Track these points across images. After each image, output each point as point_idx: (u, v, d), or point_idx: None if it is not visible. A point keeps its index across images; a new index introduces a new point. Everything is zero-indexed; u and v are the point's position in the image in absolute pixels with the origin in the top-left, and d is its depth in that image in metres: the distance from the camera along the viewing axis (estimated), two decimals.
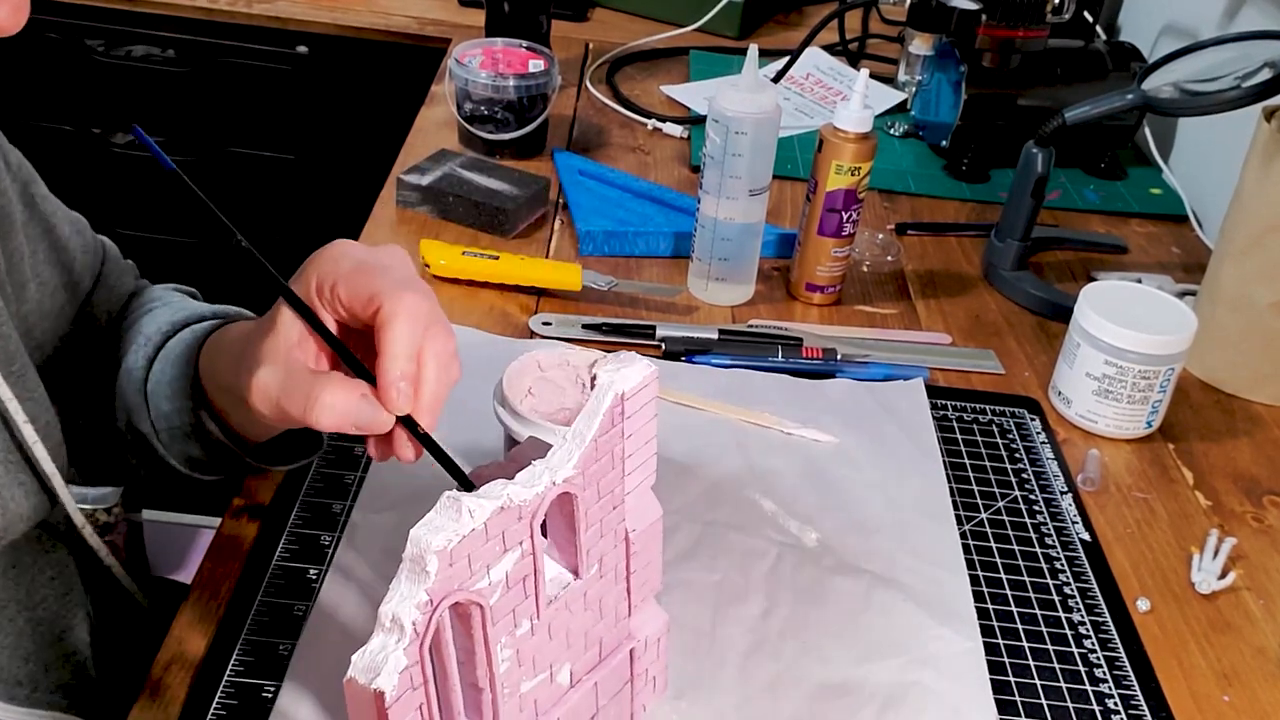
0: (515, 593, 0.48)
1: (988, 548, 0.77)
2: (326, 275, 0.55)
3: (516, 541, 0.48)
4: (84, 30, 1.63)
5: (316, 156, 1.71)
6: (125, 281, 0.79)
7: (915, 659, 0.67)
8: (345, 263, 0.55)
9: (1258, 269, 0.93)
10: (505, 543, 0.47)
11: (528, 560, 0.48)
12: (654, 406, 0.52)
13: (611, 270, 1.03)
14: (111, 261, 0.79)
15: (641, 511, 0.54)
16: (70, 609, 0.72)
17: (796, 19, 1.70)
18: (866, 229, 1.14)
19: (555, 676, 0.52)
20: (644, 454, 0.53)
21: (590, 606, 0.53)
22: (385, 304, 0.52)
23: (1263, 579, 0.78)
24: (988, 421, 0.89)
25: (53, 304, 0.72)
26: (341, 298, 0.55)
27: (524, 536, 0.48)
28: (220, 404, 0.67)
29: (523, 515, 0.47)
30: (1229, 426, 0.93)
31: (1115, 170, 1.31)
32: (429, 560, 0.44)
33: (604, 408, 0.49)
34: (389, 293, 0.53)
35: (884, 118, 1.39)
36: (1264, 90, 0.91)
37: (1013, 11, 1.22)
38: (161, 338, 0.71)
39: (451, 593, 0.45)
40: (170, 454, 0.71)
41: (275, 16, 1.58)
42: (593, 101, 1.37)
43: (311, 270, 0.56)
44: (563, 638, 0.52)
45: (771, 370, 0.91)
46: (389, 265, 0.55)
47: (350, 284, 0.54)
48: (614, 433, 0.51)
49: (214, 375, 0.66)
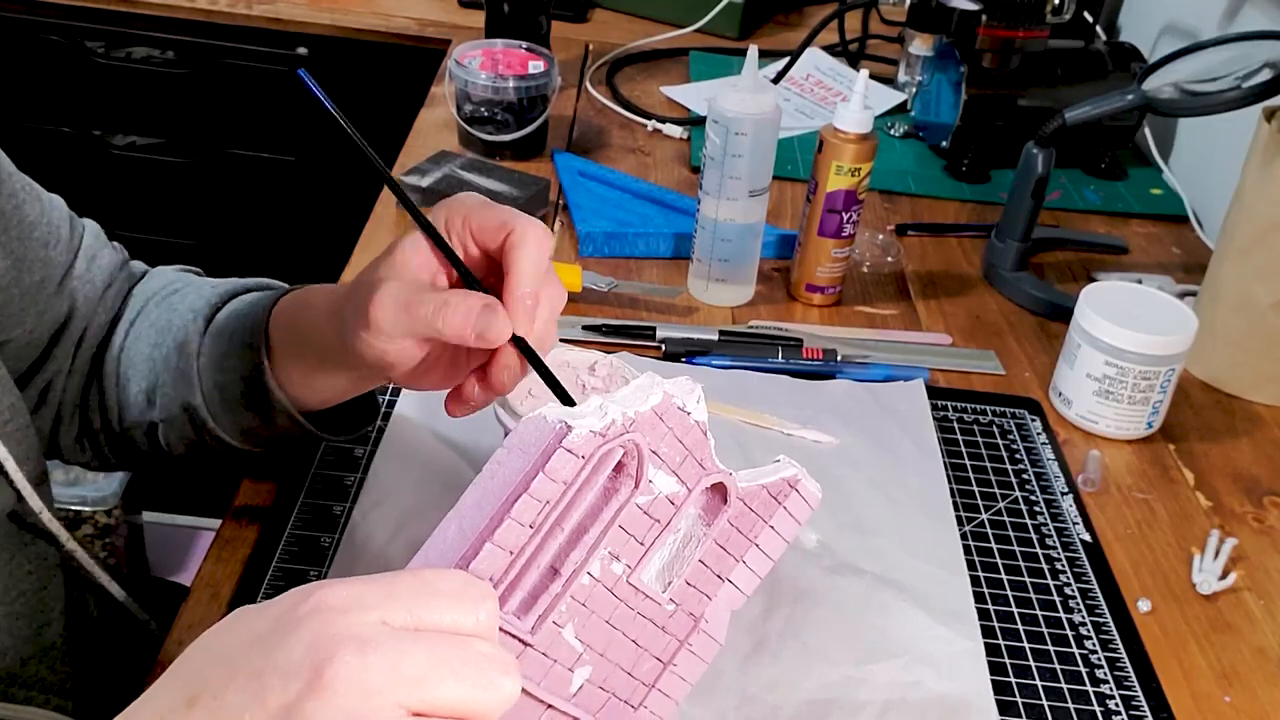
0: (649, 518, 0.48)
1: (988, 548, 0.77)
2: (456, 211, 0.59)
3: (691, 480, 0.49)
4: (84, 32, 1.63)
5: (316, 158, 1.71)
6: (103, 261, 0.77)
7: (915, 659, 0.67)
8: (473, 200, 0.59)
9: (1258, 269, 0.93)
10: (682, 475, 0.48)
11: (682, 500, 0.49)
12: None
13: (611, 271, 1.03)
14: (91, 238, 0.77)
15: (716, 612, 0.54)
16: (48, 604, 0.71)
17: (796, 20, 1.70)
18: (867, 230, 1.14)
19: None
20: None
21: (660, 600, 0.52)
22: (516, 229, 0.57)
23: (1263, 579, 0.78)
24: (988, 422, 0.89)
25: (18, 287, 0.70)
26: (473, 228, 0.58)
27: (695, 481, 0.49)
28: (289, 369, 0.68)
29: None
30: (1229, 427, 0.93)
31: (1115, 171, 1.31)
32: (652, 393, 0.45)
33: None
34: (519, 220, 0.57)
35: (884, 118, 1.39)
36: (1264, 90, 0.91)
37: (1013, 12, 1.22)
38: (211, 310, 0.72)
39: (645, 445, 0.46)
40: (221, 427, 0.71)
41: (275, 18, 1.58)
42: (593, 102, 1.37)
43: (440, 210, 0.59)
44: (633, 602, 0.51)
45: (772, 371, 0.91)
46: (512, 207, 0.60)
47: (481, 216, 0.58)
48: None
49: (297, 331, 0.68)
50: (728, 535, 0.53)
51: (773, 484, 0.53)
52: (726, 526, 0.53)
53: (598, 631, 0.49)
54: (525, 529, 0.43)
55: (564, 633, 0.47)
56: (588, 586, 0.47)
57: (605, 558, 0.48)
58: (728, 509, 0.52)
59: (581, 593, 0.47)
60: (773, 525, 0.54)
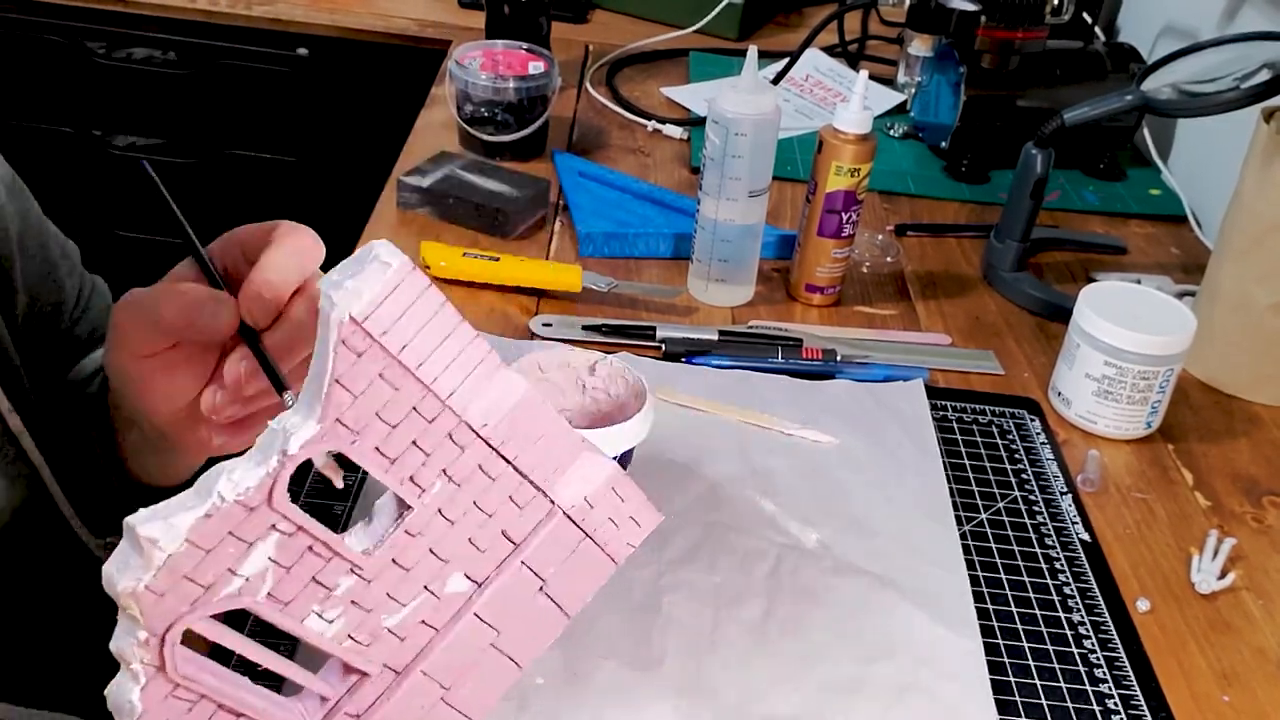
0: (306, 564, 0.45)
1: (988, 548, 0.77)
2: (234, 233, 0.56)
3: (267, 528, 0.43)
4: (84, 32, 1.63)
5: (317, 158, 1.71)
6: (92, 315, 0.79)
7: (915, 659, 0.67)
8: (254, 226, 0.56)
9: (1257, 270, 0.93)
10: (246, 537, 0.43)
11: (298, 537, 0.44)
12: (433, 297, 0.44)
13: (611, 272, 1.03)
14: (99, 297, 0.79)
15: (493, 399, 0.47)
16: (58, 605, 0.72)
17: (796, 20, 1.70)
18: (866, 230, 1.15)
19: (444, 589, 0.49)
20: (450, 348, 0.45)
21: (458, 515, 0.48)
22: (276, 232, 0.53)
23: (1262, 579, 0.78)
24: (987, 422, 0.89)
25: (36, 322, 0.72)
26: (241, 239, 0.55)
27: (274, 521, 0.43)
28: (126, 449, 0.67)
29: (254, 505, 0.42)
30: (1228, 427, 0.93)
31: (1114, 171, 1.31)
32: (124, 603, 0.41)
33: (331, 343, 0.42)
34: (283, 225, 0.54)
35: (883, 119, 1.39)
36: (1263, 91, 0.91)
37: (1012, 13, 1.22)
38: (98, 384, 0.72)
39: (182, 617, 0.42)
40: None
41: (275, 19, 1.58)
42: (593, 103, 1.38)
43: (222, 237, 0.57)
44: (427, 560, 0.48)
45: (771, 371, 0.91)
46: None
47: (249, 231, 0.55)
48: (372, 359, 0.43)
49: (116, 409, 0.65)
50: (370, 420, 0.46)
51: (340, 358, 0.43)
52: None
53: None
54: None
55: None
56: None
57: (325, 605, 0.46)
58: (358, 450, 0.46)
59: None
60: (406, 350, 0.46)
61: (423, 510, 0.47)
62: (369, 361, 0.43)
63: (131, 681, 0.42)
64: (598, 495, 0.52)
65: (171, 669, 0.43)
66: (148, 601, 0.41)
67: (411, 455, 0.46)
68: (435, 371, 0.45)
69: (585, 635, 0.66)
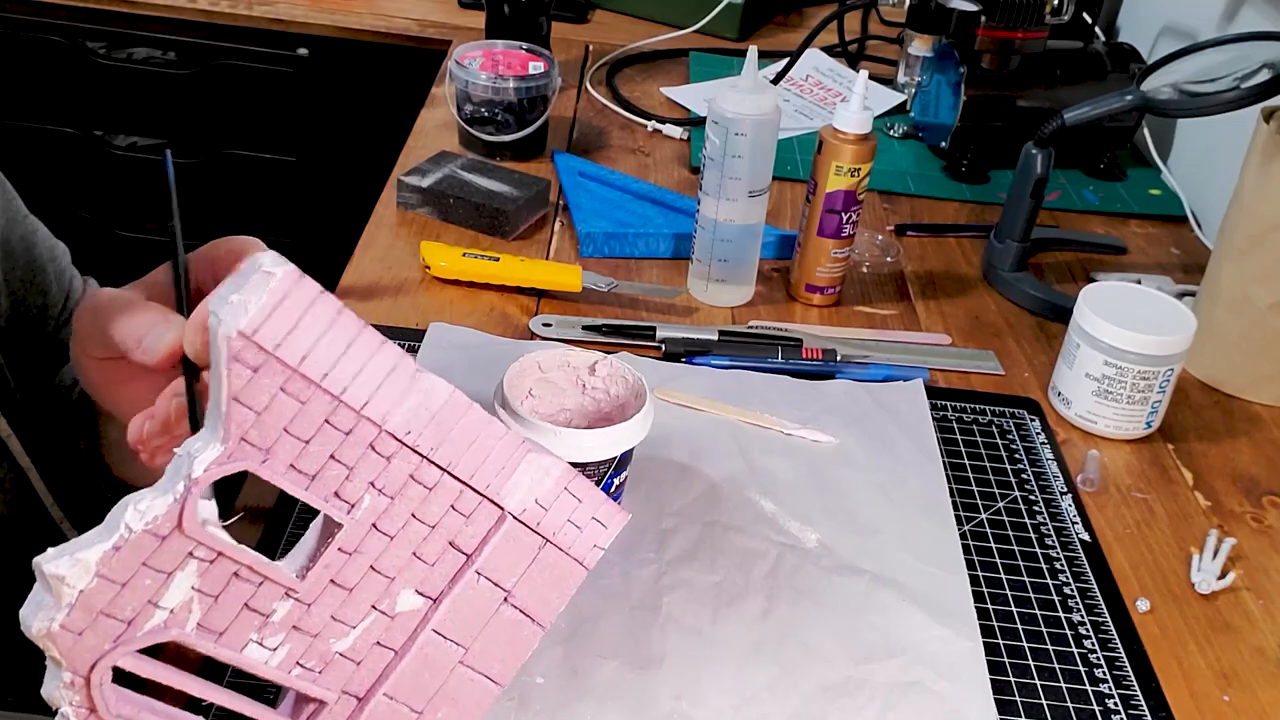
0: (234, 592, 0.43)
1: (988, 548, 0.77)
2: (219, 246, 0.56)
3: (183, 556, 0.41)
4: (85, 33, 1.63)
5: (317, 158, 1.71)
6: None
7: (915, 659, 0.67)
8: (241, 240, 0.56)
9: (1257, 269, 0.93)
10: (162, 568, 0.41)
11: (220, 563, 0.42)
12: (327, 303, 0.42)
13: (612, 272, 1.03)
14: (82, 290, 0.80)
15: (415, 405, 0.45)
16: None
17: (796, 20, 1.70)
18: (866, 230, 1.15)
19: (395, 607, 0.48)
20: (356, 355, 0.43)
21: (396, 528, 0.46)
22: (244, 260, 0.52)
23: (1262, 579, 0.78)
24: (987, 422, 0.89)
25: (21, 325, 0.72)
26: (219, 253, 0.55)
27: (189, 548, 0.41)
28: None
29: (165, 534, 0.41)
30: (1228, 427, 0.93)
31: (1114, 171, 1.31)
32: (42, 645, 0.40)
33: (223, 360, 0.41)
34: (255, 248, 0.54)
35: (883, 119, 1.39)
36: (1263, 91, 0.91)
37: (1012, 13, 1.22)
38: None
39: (105, 654, 0.41)
40: None
41: (276, 19, 1.58)
42: (593, 103, 1.38)
43: (210, 246, 0.57)
44: (370, 578, 0.47)
45: (771, 371, 0.91)
46: None
47: (230, 244, 0.55)
48: (269, 373, 0.41)
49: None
50: (276, 434, 0.44)
51: (232, 376, 0.41)
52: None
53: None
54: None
55: None
56: None
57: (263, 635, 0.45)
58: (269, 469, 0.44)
59: None
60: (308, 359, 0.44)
61: (354, 527, 0.45)
62: (266, 376, 0.41)
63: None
64: (549, 497, 0.49)
65: (104, 710, 0.41)
66: (65, 642, 0.40)
67: (332, 469, 0.44)
68: (344, 381, 0.43)
69: (585, 635, 0.66)
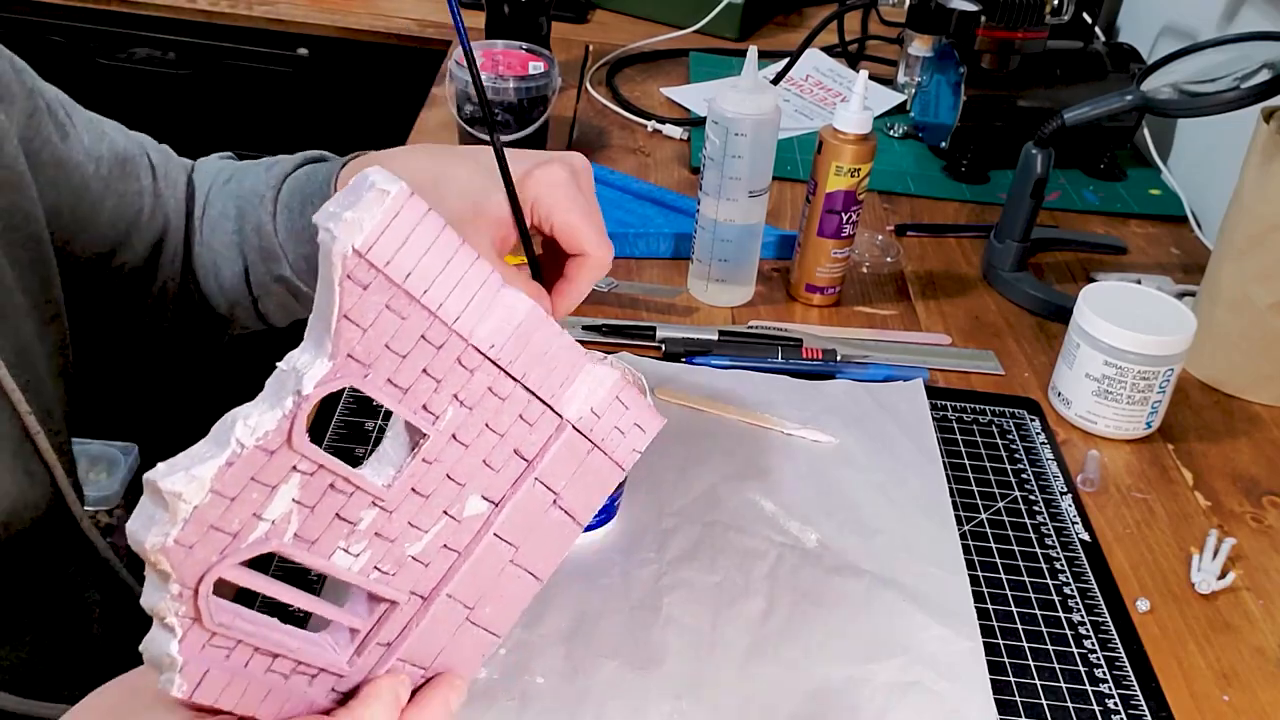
0: (329, 502, 0.45)
1: (988, 548, 0.77)
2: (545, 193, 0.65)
3: (288, 470, 0.43)
4: (85, 33, 1.63)
5: None
6: (174, 174, 0.86)
7: (915, 659, 0.67)
8: (562, 193, 0.65)
9: (1257, 269, 0.93)
10: (269, 481, 0.42)
11: (319, 475, 0.44)
12: (433, 221, 0.43)
13: (611, 271, 1.03)
14: (157, 154, 0.85)
15: (499, 320, 0.47)
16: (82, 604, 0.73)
17: (796, 20, 1.70)
18: (866, 230, 1.15)
19: (464, 511, 0.50)
20: (453, 272, 0.45)
21: (471, 439, 0.49)
22: (590, 259, 0.64)
23: (1262, 579, 0.78)
24: (987, 422, 0.89)
25: (78, 251, 0.75)
26: (555, 225, 0.64)
27: (294, 462, 0.43)
28: None
29: (274, 449, 0.42)
30: (1228, 427, 0.93)
31: (1114, 171, 1.31)
32: (153, 559, 0.41)
33: (336, 278, 0.41)
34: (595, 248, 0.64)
35: (883, 119, 1.39)
36: (1263, 91, 0.91)
37: (1012, 13, 1.22)
38: (274, 190, 0.81)
39: (213, 566, 0.42)
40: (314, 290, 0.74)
41: (276, 19, 1.58)
42: (593, 103, 1.38)
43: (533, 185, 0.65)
44: (445, 485, 0.49)
45: (771, 371, 0.91)
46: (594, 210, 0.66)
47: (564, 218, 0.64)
48: (377, 290, 0.43)
49: None
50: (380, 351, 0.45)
51: (345, 292, 0.42)
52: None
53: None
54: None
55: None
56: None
57: (351, 540, 0.47)
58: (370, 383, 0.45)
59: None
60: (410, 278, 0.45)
61: (438, 437, 0.47)
62: (375, 293, 0.42)
63: (168, 635, 0.42)
64: (603, 405, 0.52)
65: (208, 618, 0.43)
66: (178, 555, 0.41)
67: (423, 383, 0.46)
68: (440, 297, 0.44)
69: (586, 635, 0.66)
